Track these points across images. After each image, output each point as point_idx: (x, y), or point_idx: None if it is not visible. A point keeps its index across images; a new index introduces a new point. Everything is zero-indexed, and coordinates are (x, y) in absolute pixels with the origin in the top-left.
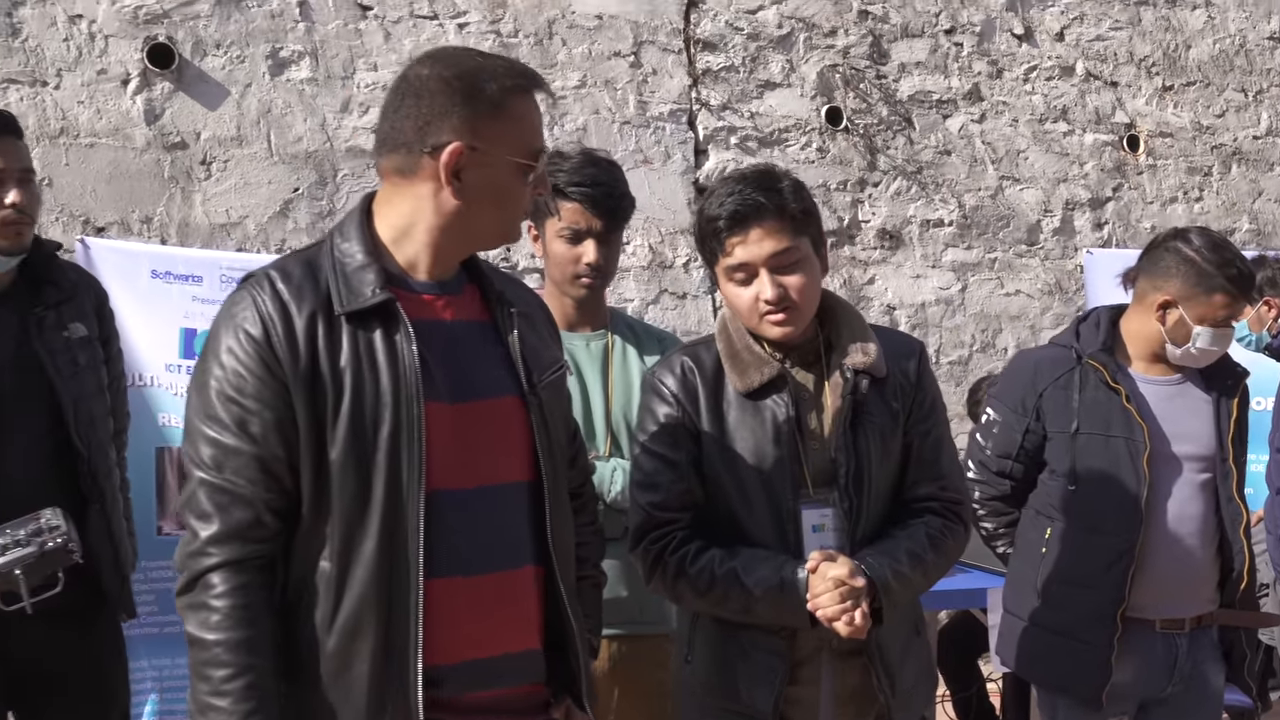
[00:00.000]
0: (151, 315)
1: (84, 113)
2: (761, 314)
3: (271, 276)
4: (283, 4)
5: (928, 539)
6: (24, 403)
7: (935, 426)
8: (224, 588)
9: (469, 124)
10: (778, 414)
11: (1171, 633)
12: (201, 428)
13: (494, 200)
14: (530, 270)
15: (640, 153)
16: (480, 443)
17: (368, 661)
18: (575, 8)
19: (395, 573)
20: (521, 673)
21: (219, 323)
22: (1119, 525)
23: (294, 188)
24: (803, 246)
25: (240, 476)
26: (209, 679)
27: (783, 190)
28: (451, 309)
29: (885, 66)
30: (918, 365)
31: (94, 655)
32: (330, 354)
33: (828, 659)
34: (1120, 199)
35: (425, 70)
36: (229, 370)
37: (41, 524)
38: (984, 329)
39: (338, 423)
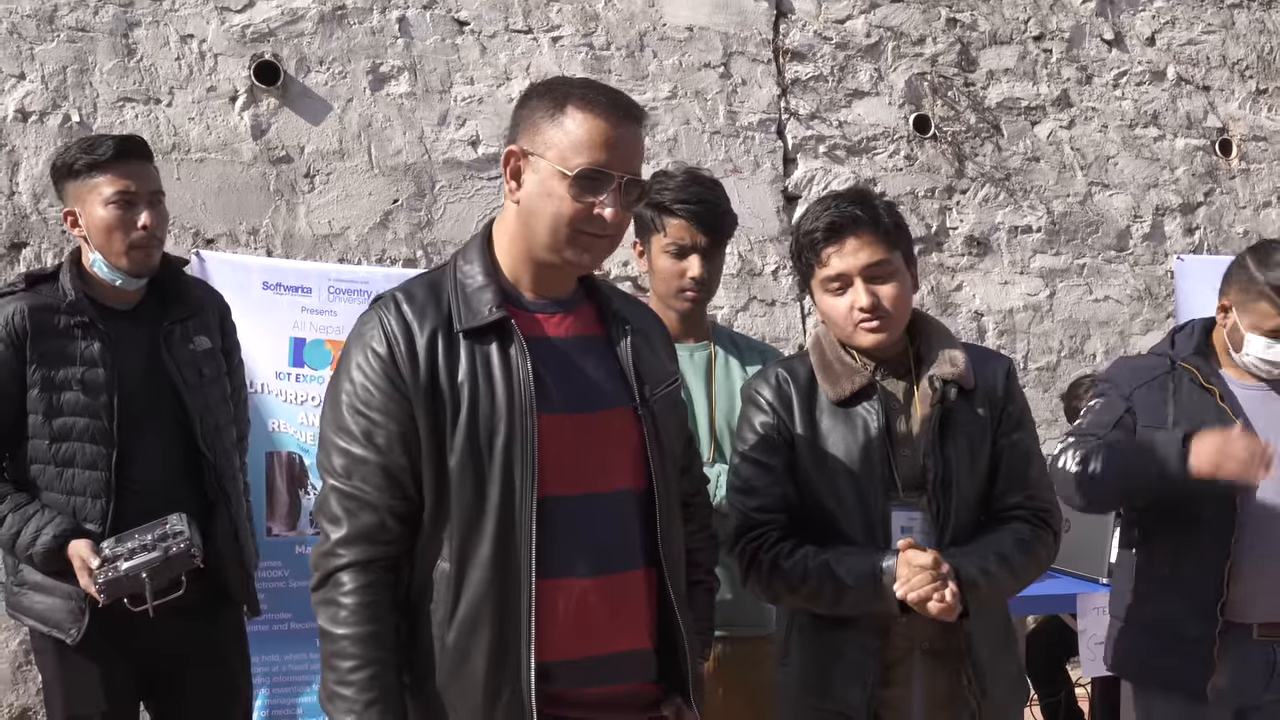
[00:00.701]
0: (262, 325)
1: (194, 129)
2: (856, 322)
3: (398, 298)
4: (383, 21)
5: (1015, 542)
6: (155, 412)
7: (1024, 438)
8: (352, 585)
9: (526, 128)
10: (869, 421)
11: (1269, 640)
12: (333, 438)
13: (540, 205)
14: (621, 278)
15: (730, 162)
16: (593, 452)
17: (484, 655)
18: (666, 20)
19: (509, 573)
20: (631, 671)
21: (350, 341)
22: (1215, 520)
23: (393, 199)
24: (895, 259)
25: (367, 484)
26: (336, 669)
27: (877, 205)
28: (565, 325)
29: (973, 74)
30: (1006, 377)
31: (218, 648)
32: (449, 369)
33: (919, 660)
34: (1212, 204)
35: None
36: (358, 385)
37: (167, 529)
38: (1072, 335)
39: (456, 433)
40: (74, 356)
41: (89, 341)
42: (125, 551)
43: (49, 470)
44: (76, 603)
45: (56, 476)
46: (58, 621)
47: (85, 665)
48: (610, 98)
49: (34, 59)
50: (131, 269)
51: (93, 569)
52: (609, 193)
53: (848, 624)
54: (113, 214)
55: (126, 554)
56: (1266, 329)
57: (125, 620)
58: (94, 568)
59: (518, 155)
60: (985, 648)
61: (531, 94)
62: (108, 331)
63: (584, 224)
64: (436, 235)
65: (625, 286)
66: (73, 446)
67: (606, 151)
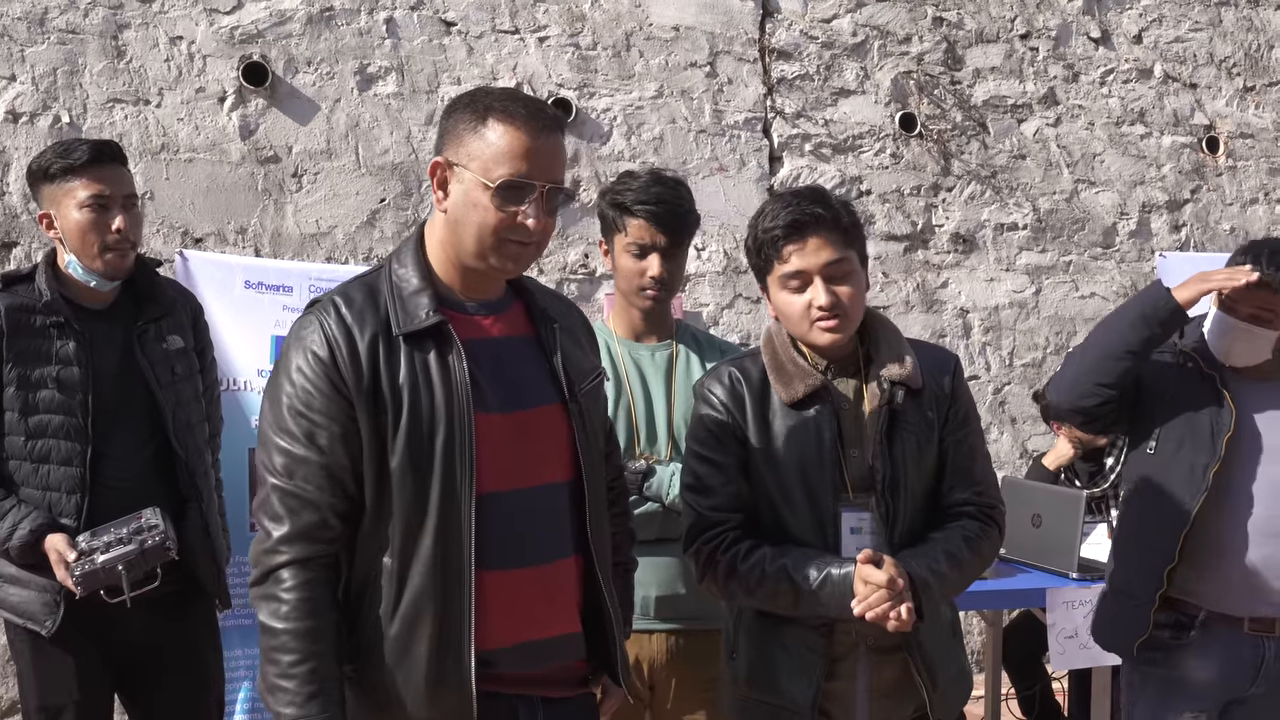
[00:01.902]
0: (245, 323)
1: (183, 129)
2: (813, 320)
3: (336, 302)
4: (370, 22)
5: (964, 540)
6: (128, 410)
7: (969, 435)
8: (292, 582)
9: (451, 140)
10: (820, 423)
11: (1260, 634)
12: (274, 439)
13: (465, 215)
14: (608, 276)
15: (716, 160)
16: (526, 448)
17: (426, 646)
18: (653, 20)
19: (449, 568)
20: (564, 653)
21: (289, 343)
22: (1182, 489)
23: (380, 198)
24: (852, 259)
25: (309, 483)
26: (278, 663)
27: (835, 204)
28: (498, 326)
29: (960, 72)
30: (952, 377)
31: (191, 640)
32: (390, 372)
33: (865, 654)
34: (1199, 201)
35: None
36: (298, 388)
37: (142, 523)
38: (1058, 331)
39: (397, 435)
40: (50, 355)
41: (64, 341)
42: (101, 545)
43: (25, 466)
44: (51, 595)
45: (32, 472)
46: (33, 614)
47: (59, 656)
48: (530, 108)
49: (24, 61)
50: (105, 271)
51: (69, 562)
52: (531, 202)
53: (793, 620)
54: (87, 217)
55: (103, 547)
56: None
57: (99, 612)
58: (70, 561)
59: (443, 166)
60: (933, 641)
61: (455, 106)
62: (83, 331)
63: (508, 232)
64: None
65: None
66: (48, 443)
67: (527, 162)
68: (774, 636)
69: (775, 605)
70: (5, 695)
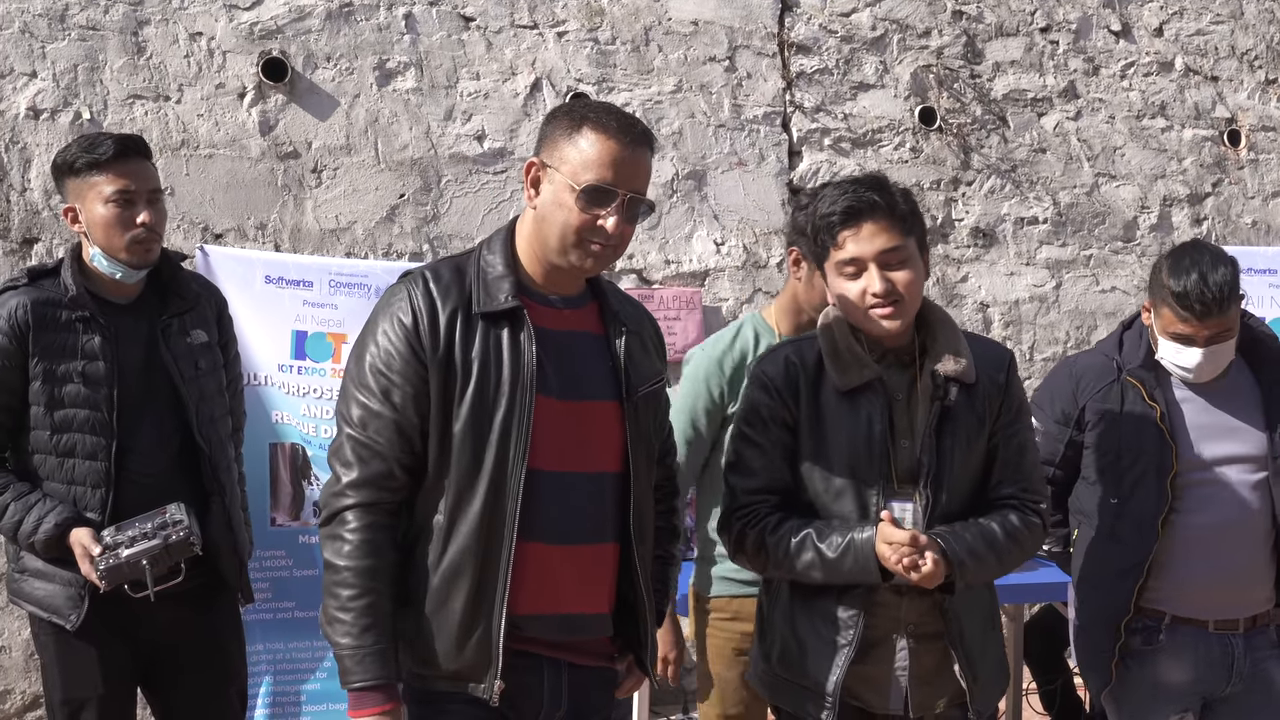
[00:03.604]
0: (265, 318)
1: (203, 125)
2: (868, 307)
3: (425, 276)
4: (389, 18)
5: (1003, 528)
6: (152, 404)
7: (1019, 432)
8: (356, 524)
9: (547, 143)
10: (872, 413)
11: (1226, 633)
12: (354, 392)
13: (552, 213)
14: (627, 271)
15: (735, 155)
16: (579, 435)
17: (462, 600)
18: (671, 14)
19: (493, 531)
20: (594, 629)
21: (379, 309)
22: (1134, 540)
23: (400, 194)
24: (910, 246)
25: (380, 436)
26: (337, 596)
27: (893, 191)
28: (572, 320)
29: (979, 66)
30: (1006, 373)
31: (213, 633)
32: (464, 345)
33: (904, 641)
34: (1220, 194)
35: None
36: (381, 349)
37: (166, 518)
38: (1078, 325)
39: (463, 402)
40: (75, 350)
41: (89, 335)
42: (126, 539)
43: (50, 460)
44: (76, 589)
45: (57, 467)
46: (57, 607)
47: (83, 649)
48: (623, 122)
49: (45, 57)
50: (131, 263)
51: (94, 556)
52: (612, 207)
53: (828, 603)
54: (112, 212)
55: (127, 542)
56: (1171, 334)
57: (124, 606)
58: (95, 555)
59: (537, 166)
60: (974, 631)
61: (556, 113)
62: (108, 325)
63: (589, 234)
64: (442, 229)
65: (631, 280)
66: (73, 437)
67: (613, 170)
68: (808, 618)
69: (801, 573)
70: (29, 689)
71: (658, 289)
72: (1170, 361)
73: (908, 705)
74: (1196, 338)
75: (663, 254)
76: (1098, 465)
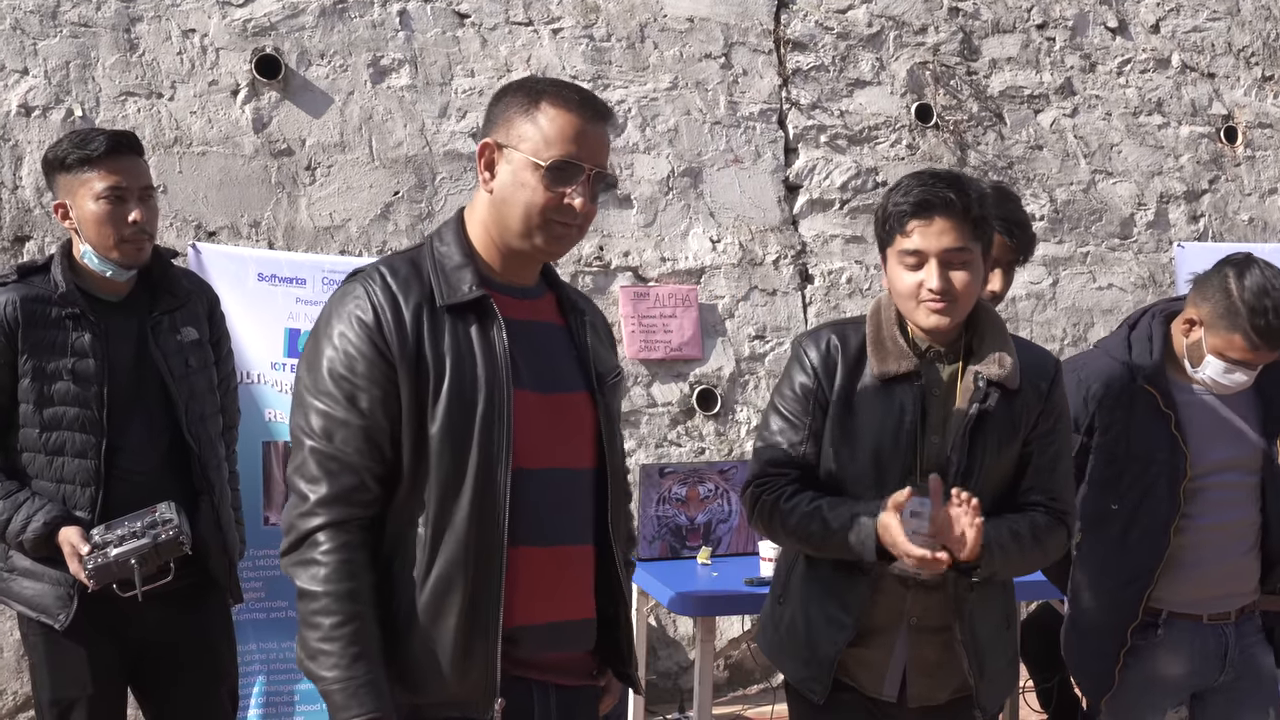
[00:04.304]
0: (258, 316)
1: (196, 122)
2: (921, 300)
3: (381, 271)
4: (383, 14)
5: (1030, 526)
6: (142, 402)
7: (1056, 442)
8: (330, 545)
9: (501, 123)
10: (905, 403)
11: (1220, 624)
12: (313, 401)
13: (513, 194)
14: (623, 269)
15: (731, 152)
16: (557, 430)
17: (455, 616)
18: (667, 11)
19: (483, 538)
20: (580, 639)
21: (331, 309)
22: (1145, 546)
23: (394, 191)
24: (975, 250)
25: (348, 446)
26: (319, 626)
27: (970, 194)
28: (534, 311)
29: (976, 63)
30: (1051, 382)
31: (203, 633)
32: (434, 341)
33: (906, 631)
34: (1217, 191)
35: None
36: (341, 351)
37: (156, 517)
38: (1075, 323)
39: (438, 402)
40: (65, 347)
41: (80, 332)
42: (115, 538)
43: (39, 458)
44: (65, 589)
45: (47, 465)
46: (46, 607)
47: (72, 649)
48: (582, 96)
49: (37, 54)
50: (123, 261)
51: (83, 555)
52: (578, 184)
53: (838, 584)
54: (104, 209)
55: (116, 540)
56: (1232, 358)
57: (113, 606)
58: (84, 554)
59: (492, 148)
60: (985, 629)
61: (506, 91)
62: (98, 323)
63: (554, 213)
64: (437, 226)
65: (626, 277)
66: (63, 435)
67: (577, 145)
68: (816, 593)
69: (807, 543)
70: (21, 690)
71: (653, 286)
72: (1210, 376)
73: (904, 694)
74: (1254, 364)
75: (658, 251)
76: (1107, 472)
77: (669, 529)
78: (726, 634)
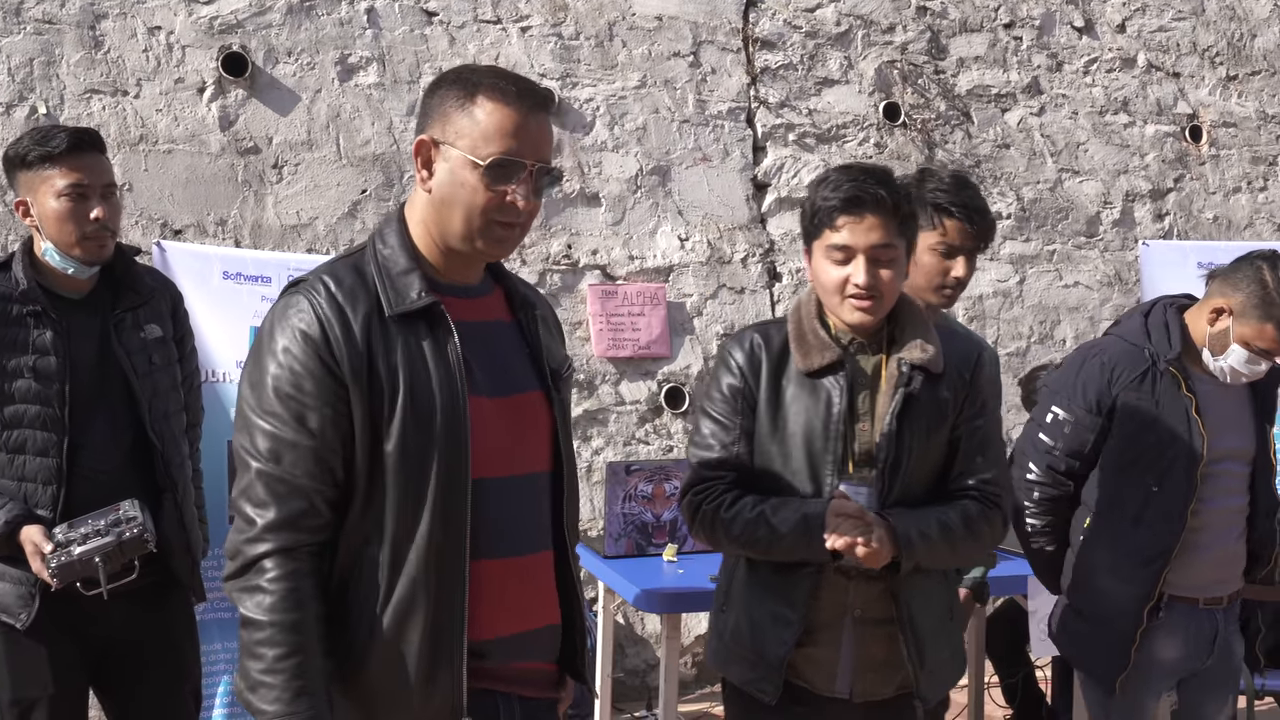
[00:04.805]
0: (223, 315)
1: (162, 120)
2: (847, 295)
3: (325, 281)
4: (351, 12)
5: (961, 516)
6: (104, 400)
7: (985, 425)
8: (277, 572)
9: (437, 118)
10: (832, 394)
11: (1213, 609)
12: (258, 422)
13: (453, 195)
14: (591, 267)
15: (699, 150)
16: (513, 435)
17: (418, 638)
18: (635, 9)
19: (445, 555)
20: (546, 648)
21: (273, 322)
22: (1163, 527)
23: (362, 189)
24: (901, 247)
25: (297, 468)
26: (262, 657)
27: (898, 191)
28: (483, 310)
29: (944, 61)
30: (975, 365)
31: (166, 631)
32: (385, 354)
33: (851, 625)
34: (1182, 190)
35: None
36: (286, 369)
37: (120, 515)
38: (1042, 320)
39: (394, 418)
40: (26, 344)
41: (41, 330)
42: (78, 537)
43: (0, 457)
44: (27, 588)
45: (8, 463)
46: (7, 606)
47: (33, 649)
48: (520, 85)
49: (0, 51)
50: (85, 258)
51: (45, 554)
52: (520, 181)
53: (780, 582)
54: (65, 206)
55: (80, 539)
56: (1260, 349)
57: (75, 605)
58: (47, 552)
59: (429, 145)
60: (927, 619)
61: (440, 83)
62: (60, 320)
63: (496, 213)
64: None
65: (595, 275)
66: (24, 433)
67: (517, 140)
68: (760, 595)
69: (755, 549)
70: None
71: (621, 285)
72: (1229, 365)
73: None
74: (1277, 353)
75: (626, 250)
76: (1127, 455)
77: (635, 526)
78: (693, 631)
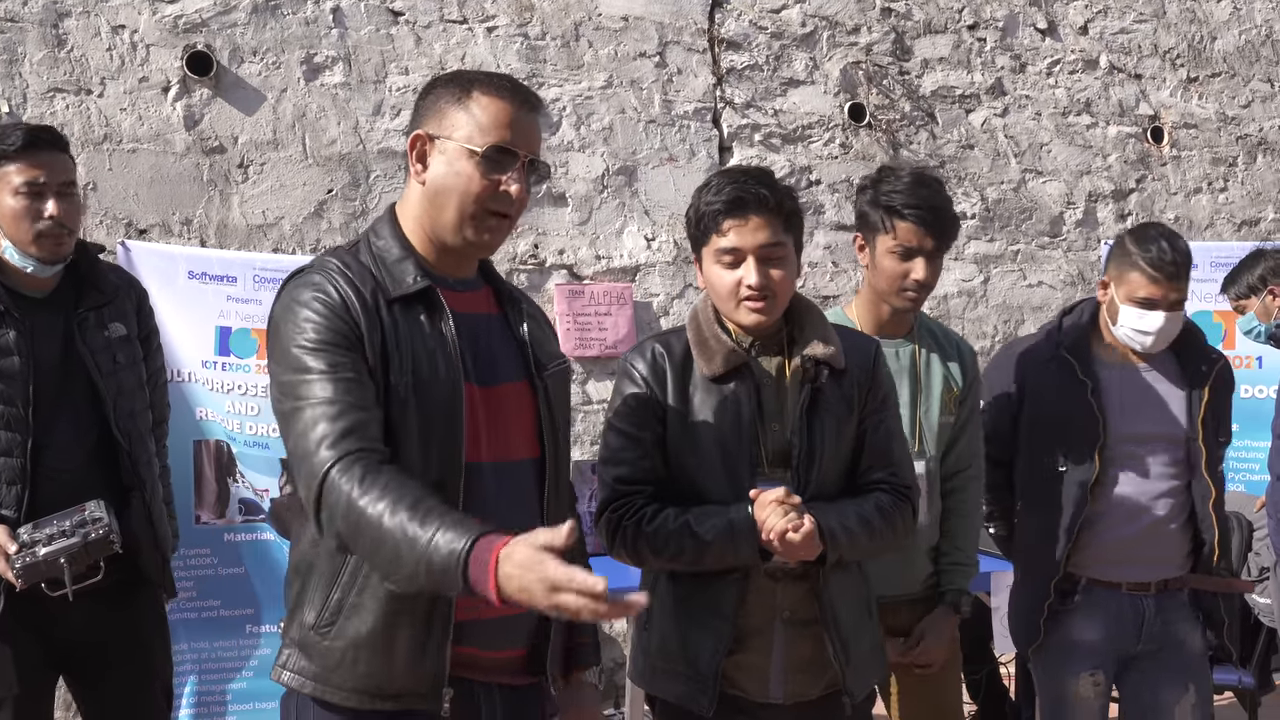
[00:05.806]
0: (189, 314)
1: (126, 119)
2: (741, 298)
3: (335, 263)
4: (316, 11)
5: (876, 508)
6: (70, 399)
7: (887, 418)
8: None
9: (432, 115)
10: (740, 397)
11: (1138, 594)
12: (297, 377)
13: (448, 184)
14: (558, 266)
15: (665, 150)
16: (499, 422)
17: (415, 608)
18: (601, 10)
19: None
20: (523, 635)
21: (290, 299)
22: (1065, 506)
23: (328, 189)
24: (789, 244)
25: (350, 394)
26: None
27: (779, 189)
28: (473, 303)
29: (908, 63)
30: (874, 361)
31: (134, 628)
32: (394, 331)
33: (780, 627)
34: (1144, 190)
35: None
36: (314, 327)
37: (85, 515)
38: (1006, 320)
39: (402, 394)
40: None
41: (4, 330)
42: (44, 537)
43: None
44: None
45: None
46: None
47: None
48: (513, 85)
49: None
50: (42, 256)
51: (9, 554)
52: (514, 170)
53: (706, 591)
54: (20, 203)
55: (45, 540)
56: (1138, 298)
57: (41, 604)
58: (11, 553)
59: (424, 140)
60: (849, 617)
61: (435, 84)
62: (22, 319)
63: (490, 201)
64: (370, 223)
65: (561, 275)
66: None
67: (512, 131)
68: (686, 607)
69: (682, 562)
70: None
71: (588, 284)
72: (1131, 328)
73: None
74: (1161, 301)
75: (593, 249)
76: (1035, 437)
77: None
78: None
